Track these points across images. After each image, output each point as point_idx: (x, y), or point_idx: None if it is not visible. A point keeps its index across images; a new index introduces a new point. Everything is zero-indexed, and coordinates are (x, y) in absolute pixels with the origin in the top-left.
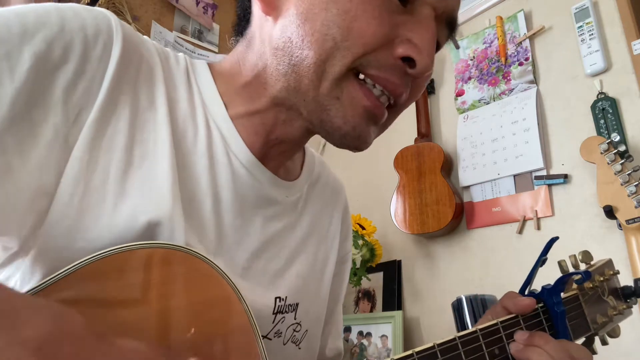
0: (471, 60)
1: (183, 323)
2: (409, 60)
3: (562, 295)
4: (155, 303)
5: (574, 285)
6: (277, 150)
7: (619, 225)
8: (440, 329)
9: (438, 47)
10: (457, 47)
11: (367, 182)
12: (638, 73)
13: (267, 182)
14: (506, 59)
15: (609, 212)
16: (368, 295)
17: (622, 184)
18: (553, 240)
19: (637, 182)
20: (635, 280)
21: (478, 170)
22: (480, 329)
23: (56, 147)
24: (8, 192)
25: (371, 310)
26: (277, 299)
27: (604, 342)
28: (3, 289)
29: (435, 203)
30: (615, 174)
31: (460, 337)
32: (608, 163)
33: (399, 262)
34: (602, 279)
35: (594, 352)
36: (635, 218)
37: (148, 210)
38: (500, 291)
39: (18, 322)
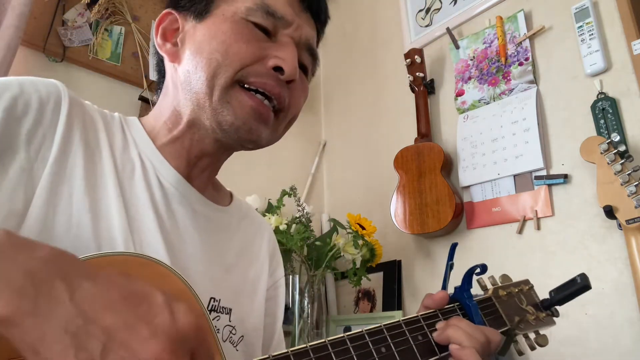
0: (471, 60)
1: None
2: (279, 69)
3: (477, 298)
4: None
5: (489, 292)
6: (199, 167)
7: (619, 225)
8: None
9: (306, 70)
10: (457, 47)
11: (367, 182)
12: (638, 73)
13: (195, 200)
14: (506, 59)
15: (609, 212)
16: (368, 295)
17: (622, 184)
18: (454, 245)
19: (637, 182)
20: (550, 292)
21: (478, 170)
22: (403, 319)
23: (23, 180)
24: None
25: (371, 310)
26: (212, 299)
27: (533, 348)
28: (19, 235)
29: (435, 203)
30: (615, 174)
31: (385, 325)
32: (608, 163)
33: (399, 262)
34: (517, 290)
35: (520, 353)
36: (635, 218)
37: (103, 228)
38: None
39: (34, 248)
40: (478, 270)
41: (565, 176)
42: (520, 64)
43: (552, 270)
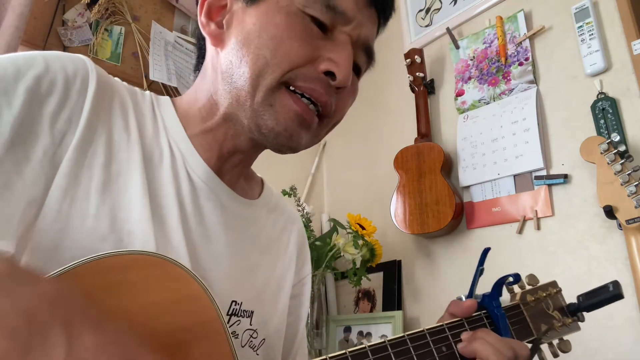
0: (471, 60)
1: (159, 318)
2: (330, 74)
3: (505, 305)
4: (133, 301)
5: (517, 297)
6: (231, 163)
7: (619, 225)
8: None
9: (359, 71)
10: (457, 47)
11: (367, 182)
12: (638, 73)
13: (224, 195)
14: (506, 59)
15: (609, 212)
16: (368, 295)
17: (622, 184)
18: (486, 250)
19: (637, 182)
20: (578, 297)
21: (478, 170)
22: (427, 329)
23: (45, 165)
24: (8, 202)
25: (371, 310)
26: (233, 302)
27: (556, 355)
28: (21, 264)
29: (435, 203)
30: (615, 174)
31: (409, 334)
32: (608, 163)
33: (399, 262)
34: (544, 294)
35: None
36: (635, 218)
37: (123, 219)
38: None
39: (35, 282)
40: (511, 279)
41: (565, 176)
42: (520, 64)
43: (553, 270)
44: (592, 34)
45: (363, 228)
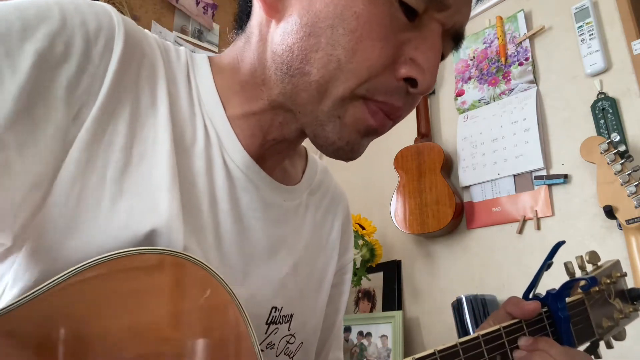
0: (471, 60)
1: (179, 330)
2: (411, 80)
3: (567, 299)
4: (151, 310)
5: (580, 290)
6: (274, 150)
7: (619, 225)
8: (440, 329)
9: (442, 58)
10: None
11: (367, 182)
12: (638, 73)
13: (263, 185)
14: (506, 59)
15: (609, 212)
16: (368, 295)
17: (622, 184)
18: (559, 244)
19: (637, 182)
20: None
21: (478, 170)
22: (482, 335)
23: (55, 144)
24: (6, 187)
25: (371, 310)
26: (273, 309)
27: (609, 346)
28: None
29: (435, 203)
30: (615, 174)
31: (461, 344)
32: (608, 163)
33: (399, 262)
34: (608, 281)
35: (598, 357)
36: (635, 218)
37: (145, 212)
38: (500, 291)
39: None
40: (586, 283)
41: (565, 176)
42: (520, 64)
43: (552, 270)
44: (592, 34)
45: (363, 228)
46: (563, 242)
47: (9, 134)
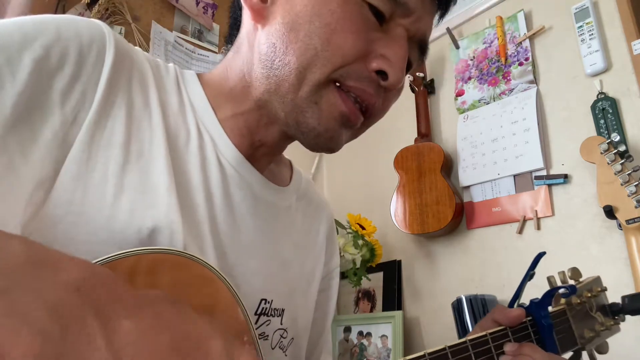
0: (471, 60)
1: None
2: (382, 74)
3: (550, 309)
4: None
5: (562, 300)
6: (261, 152)
7: (619, 225)
8: (440, 329)
9: (410, 66)
10: (457, 47)
11: (367, 182)
12: (638, 73)
13: (255, 182)
14: (506, 59)
15: (609, 212)
16: (368, 295)
17: (622, 184)
18: (540, 255)
19: (637, 182)
20: (623, 298)
21: (478, 170)
22: (470, 340)
23: (55, 147)
24: (12, 186)
25: (371, 310)
26: (263, 301)
27: (592, 358)
28: (39, 244)
29: (435, 203)
30: (615, 174)
31: (450, 347)
32: (608, 163)
33: (399, 262)
34: (589, 295)
35: None
36: (635, 218)
37: (146, 208)
38: (500, 291)
39: (58, 267)
40: (566, 291)
41: (565, 176)
42: (520, 64)
43: (552, 270)
44: (592, 34)
45: (363, 228)
46: (544, 253)
47: (11, 136)
